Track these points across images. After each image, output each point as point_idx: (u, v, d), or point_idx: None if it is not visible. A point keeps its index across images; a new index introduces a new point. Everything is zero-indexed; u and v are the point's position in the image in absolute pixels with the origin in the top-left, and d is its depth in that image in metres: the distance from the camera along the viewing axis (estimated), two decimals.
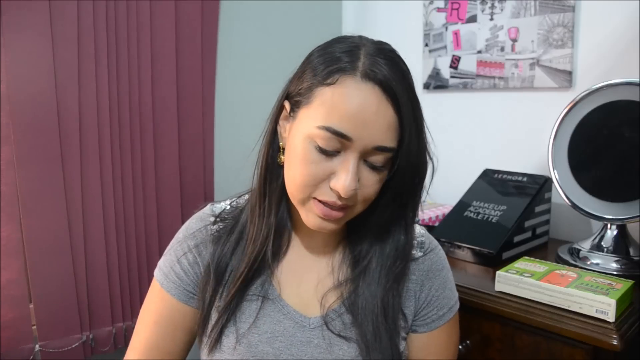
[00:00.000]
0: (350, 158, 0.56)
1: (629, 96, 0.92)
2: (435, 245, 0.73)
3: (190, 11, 1.28)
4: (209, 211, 0.72)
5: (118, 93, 1.17)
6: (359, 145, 0.56)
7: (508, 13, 1.26)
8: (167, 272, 0.69)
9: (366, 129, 0.55)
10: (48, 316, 1.12)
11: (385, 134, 0.56)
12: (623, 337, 0.72)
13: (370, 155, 0.57)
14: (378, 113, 0.55)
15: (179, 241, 0.71)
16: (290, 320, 0.66)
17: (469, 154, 1.40)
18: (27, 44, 1.05)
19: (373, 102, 0.55)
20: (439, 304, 0.70)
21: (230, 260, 0.67)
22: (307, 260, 0.69)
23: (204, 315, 0.67)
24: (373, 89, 0.55)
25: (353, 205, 0.60)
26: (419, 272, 0.70)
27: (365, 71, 0.55)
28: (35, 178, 1.08)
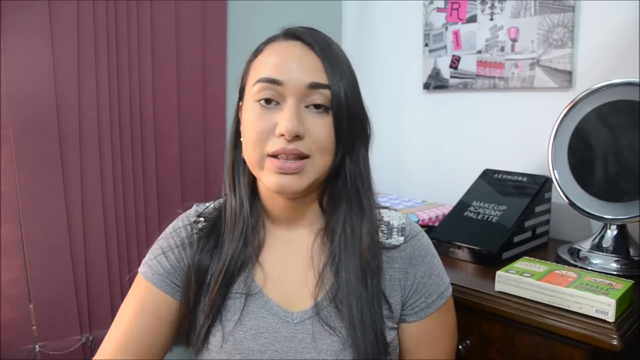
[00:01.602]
0: (289, 102, 0.61)
1: (629, 96, 0.92)
2: (417, 232, 0.72)
3: (190, 11, 1.28)
4: (193, 211, 0.74)
5: (118, 93, 1.17)
6: (292, 88, 0.60)
7: (508, 13, 1.26)
8: (152, 265, 0.69)
9: (293, 71, 0.60)
10: (48, 317, 1.12)
11: (313, 72, 0.61)
12: (623, 337, 0.72)
13: (308, 97, 0.61)
14: (301, 56, 0.62)
15: (165, 237, 0.72)
16: (274, 315, 0.66)
17: (469, 154, 1.40)
18: (27, 44, 1.05)
19: (295, 49, 0.62)
20: (427, 292, 0.69)
21: (210, 261, 0.68)
22: (287, 253, 0.69)
23: (189, 317, 0.67)
24: (294, 43, 0.63)
25: (311, 157, 0.61)
26: (402, 260, 0.69)
27: (286, 33, 0.64)
28: (35, 178, 1.08)
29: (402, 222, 0.72)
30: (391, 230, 0.70)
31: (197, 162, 1.35)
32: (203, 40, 1.32)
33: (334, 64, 0.62)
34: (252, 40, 0.69)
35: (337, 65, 0.62)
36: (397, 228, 0.70)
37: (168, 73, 1.26)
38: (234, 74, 1.44)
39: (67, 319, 1.14)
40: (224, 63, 1.38)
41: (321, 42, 0.63)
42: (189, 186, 1.34)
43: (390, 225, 0.71)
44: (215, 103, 1.37)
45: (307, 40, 0.63)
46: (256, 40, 0.69)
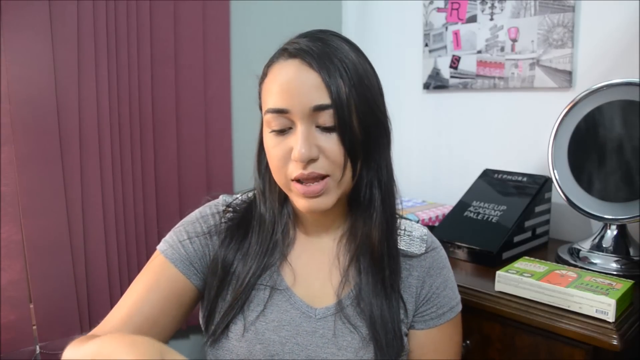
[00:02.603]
0: (299, 127, 0.60)
1: (629, 96, 0.92)
2: (437, 245, 0.75)
3: (190, 11, 1.28)
4: (222, 201, 0.75)
5: (118, 93, 1.17)
6: (299, 113, 0.60)
7: (508, 13, 1.26)
8: (173, 244, 0.68)
9: (296, 96, 0.60)
10: (48, 317, 1.12)
11: (315, 93, 0.60)
12: (623, 337, 0.72)
13: (316, 119, 0.60)
14: (300, 78, 0.60)
15: (192, 221, 0.71)
16: (297, 310, 0.67)
17: (469, 154, 1.40)
18: (27, 44, 1.05)
19: (293, 71, 0.61)
20: (439, 303, 0.70)
21: (236, 253, 0.69)
22: (314, 253, 0.71)
23: (210, 306, 0.68)
24: (293, 62, 0.61)
25: (331, 175, 0.61)
26: (421, 269, 0.71)
27: (287, 52, 0.62)
28: (35, 178, 1.08)
29: (424, 233, 0.74)
30: (413, 239, 0.72)
31: (197, 162, 1.35)
32: (204, 40, 1.32)
33: (334, 77, 0.60)
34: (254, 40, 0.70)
35: (338, 78, 0.60)
36: (420, 238, 0.72)
37: (168, 73, 1.26)
38: (238, 74, 1.45)
39: (67, 319, 1.14)
40: (227, 63, 1.38)
41: (320, 54, 0.61)
42: (188, 186, 1.34)
43: (412, 235, 0.73)
44: (218, 103, 1.38)
45: (305, 57, 0.61)
46: (258, 40, 0.69)
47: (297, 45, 0.62)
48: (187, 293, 0.67)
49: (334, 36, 0.64)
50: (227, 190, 1.43)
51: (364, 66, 0.64)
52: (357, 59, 0.63)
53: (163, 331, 0.65)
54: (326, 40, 0.63)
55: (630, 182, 0.92)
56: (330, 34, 0.65)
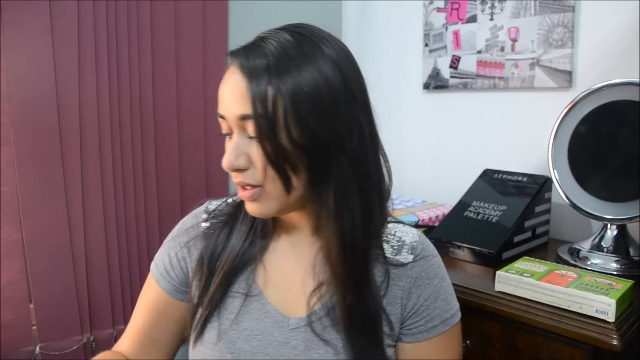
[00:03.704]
0: (233, 136, 0.59)
1: (629, 96, 0.92)
2: (430, 253, 0.69)
3: (190, 11, 1.28)
4: (204, 208, 0.74)
5: (118, 93, 1.17)
6: (231, 121, 0.58)
7: (508, 13, 1.26)
8: (158, 264, 0.72)
9: (227, 103, 0.58)
10: (48, 317, 1.12)
11: (239, 102, 0.57)
12: (623, 337, 0.72)
13: (246, 128, 0.58)
14: (230, 85, 0.58)
15: (173, 237, 0.73)
16: (270, 319, 0.65)
17: (469, 154, 1.40)
18: (27, 44, 1.05)
19: (228, 76, 0.59)
20: (428, 315, 0.66)
21: (221, 254, 0.68)
22: (290, 257, 0.69)
23: (193, 309, 0.68)
24: (232, 67, 0.59)
25: (262, 186, 0.59)
26: (407, 279, 0.66)
27: (230, 53, 0.60)
28: (35, 178, 1.08)
29: (415, 240, 0.68)
30: (402, 247, 0.67)
31: (197, 162, 1.35)
32: (203, 40, 1.32)
33: (261, 84, 0.55)
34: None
35: (266, 85, 0.55)
36: (409, 245, 0.67)
37: (168, 73, 1.26)
38: None
39: (67, 319, 1.14)
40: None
41: (249, 55, 0.57)
42: (189, 186, 1.34)
43: (401, 242, 0.68)
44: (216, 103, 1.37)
45: (237, 61, 0.58)
46: None
47: (242, 47, 0.59)
48: (181, 310, 0.71)
49: (285, 35, 0.59)
50: (226, 190, 1.43)
51: (322, 74, 0.57)
52: (305, 66, 0.57)
53: (166, 345, 0.72)
54: (267, 42, 0.58)
55: (630, 182, 0.92)
56: (282, 33, 0.59)
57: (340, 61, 0.61)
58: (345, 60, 0.62)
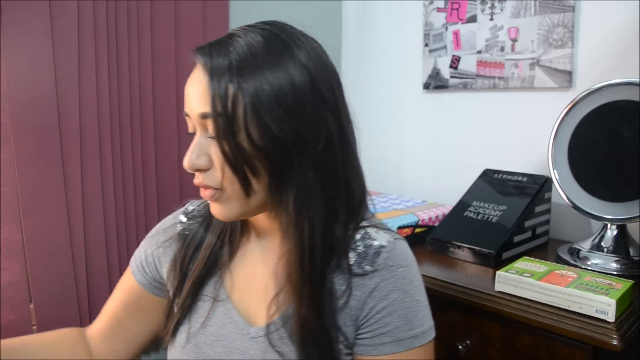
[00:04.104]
0: (196, 134, 0.59)
1: (629, 96, 0.92)
2: (396, 263, 0.61)
3: (190, 11, 1.28)
4: (184, 209, 0.75)
5: (118, 93, 1.17)
6: (194, 119, 0.58)
7: (508, 13, 1.26)
8: (135, 257, 0.75)
9: (190, 101, 0.57)
10: (49, 317, 1.12)
11: (201, 100, 0.56)
12: (623, 337, 0.72)
13: (207, 127, 0.57)
14: (194, 83, 0.57)
15: (152, 235, 0.76)
16: (234, 326, 0.65)
17: (469, 154, 1.40)
18: (27, 44, 1.04)
19: (194, 74, 0.58)
20: (377, 330, 0.60)
21: (193, 257, 0.69)
22: (257, 263, 0.67)
23: (167, 310, 0.70)
24: (197, 66, 0.58)
25: (220, 186, 0.57)
26: (363, 289, 0.60)
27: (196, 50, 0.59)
28: (35, 178, 1.08)
29: (381, 247, 0.61)
30: (366, 254, 0.61)
31: None
32: (203, 40, 1.31)
33: (222, 83, 0.54)
34: None
35: (227, 83, 0.54)
36: (372, 254, 0.61)
37: (168, 73, 1.26)
38: None
39: (68, 319, 1.14)
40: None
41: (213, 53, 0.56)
42: (188, 186, 1.34)
43: (368, 248, 0.62)
44: None
45: (202, 56, 0.57)
46: None
47: (208, 45, 0.58)
48: (155, 303, 0.74)
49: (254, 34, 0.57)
50: None
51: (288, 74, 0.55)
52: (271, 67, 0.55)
53: (133, 334, 0.75)
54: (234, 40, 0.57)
55: (630, 182, 0.92)
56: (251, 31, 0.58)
57: (309, 62, 0.57)
58: (315, 61, 0.59)
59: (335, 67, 0.63)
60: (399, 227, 1.10)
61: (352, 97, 0.65)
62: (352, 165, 0.63)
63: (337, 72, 0.63)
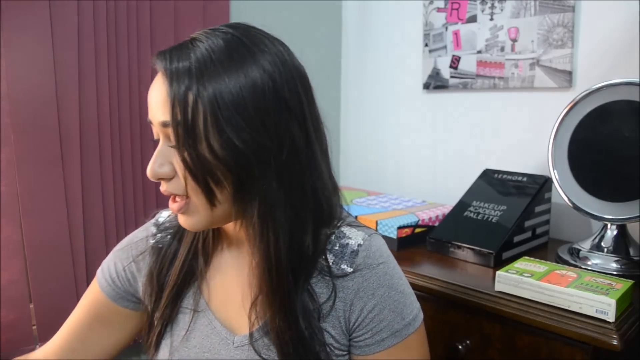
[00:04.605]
0: (159, 143, 0.57)
1: (629, 96, 0.92)
2: (374, 261, 0.62)
3: (190, 11, 1.28)
4: (154, 220, 0.73)
5: (118, 93, 1.17)
6: (156, 127, 0.57)
7: (508, 13, 1.26)
8: (104, 270, 0.72)
9: (152, 108, 0.56)
10: (48, 317, 1.12)
11: (162, 107, 0.54)
12: (623, 337, 0.72)
13: (169, 136, 0.55)
14: (154, 89, 0.56)
15: (122, 247, 0.73)
16: (217, 336, 0.64)
17: (469, 154, 1.40)
18: (27, 44, 1.05)
19: (155, 80, 0.56)
20: (374, 328, 0.61)
21: (169, 269, 0.67)
22: (232, 272, 0.66)
23: (147, 325, 0.68)
24: (159, 70, 0.56)
25: (190, 197, 0.56)
26: (348, 291, 0.61)
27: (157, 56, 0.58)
28: (35, 178, 1.08)
29: (358, 246, 0.62)
30: (343, 255, 0.61)
31: None
32: None
33: (181, 91, 0.52)
34: None
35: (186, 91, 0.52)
36: (350, 253, 0.61)
37: None
38: None
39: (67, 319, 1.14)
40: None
41: (173, 60, 0.54)
42: None
43: (345, 249, 0.62)
44: None
45: (162, 63, 0.55)
46: None
47: (169, 51, 0.56)
48: (119, 315, 0.71)
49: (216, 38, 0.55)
50: None
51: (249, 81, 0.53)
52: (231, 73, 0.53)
53: (96, 350, 0.71)
54: (195, 45, 0.55)
55: (630, 182, 0.92)
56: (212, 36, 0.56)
57: (273, 67, 0.55)
58: (280, 66, 0.56)
59: (303, 70, 0.60)
60: (399, 227, 1.10)
61: (352, 97, 0.65)
62: (319, 173, 0.61)
63: (306, 77, 0.60)
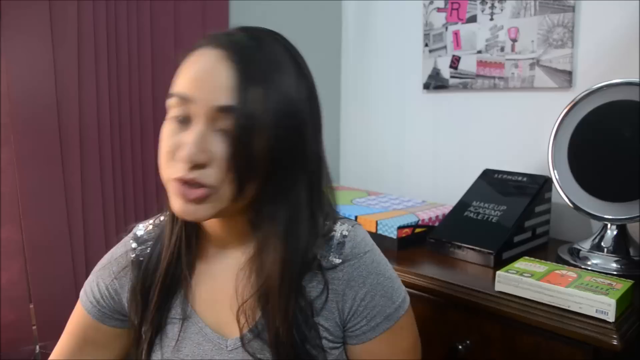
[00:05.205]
0: (197, 124, 0.54)
1: (629, 96, 0.92)
2: (360, 250, 0.63)
3: (190, 11, 1.28)
4: (132, 235, 0.71)
5: (118, 93, 1.17)
6: (202, 108, 0.54)
7: (508, 13, 1.26)
8: (87, 291, 0.70)
9: (203, 89, 0.54)
10: (48, 317, 1.12)
11: (226, 92, 0.53)
12: (623, 337, 0.72)
13: (218, 121, 0.54)
14: (215, 70, 0.54)
15: (103, 266, 0.71)
16: (209, 342, 0.63)
17: (469, 154, 1.40)
18: (27, 44, 1.04)
19: (210, 62, 0.55)
20: (369, 314, 0.62)
21: (152, 281, 0.66)
22: (219, 275, 0.65)
23: (135, 338, 0.67)
24: (215, 51, 0.55)
25: (214, 186, 0.54)
26: (338, 282, 0.62)
27: (213, 39, 0.57)
28: (35, 178, 1.08)
29: (344, 237, 0.63)
30: (330, 247, 0.63)
31: None
32: None
33: (254, 83, 0.53)
34: None
35: (259, 87, 0.53)
36: (337, 245, 0.63)
37: (168, 73, 1.26)
38: None
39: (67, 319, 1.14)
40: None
41: (244, 49, 0.55)
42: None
43: (331, 242, 0.63)
44: None
45: (227, 48, 0.55)
46: None
47: (230, 37, 0.56)
48: (106, 335, 0.70)
49: (276, 41, 0.59)
50: None
51: (299, 87, 0.57)
52: (292, 78, 0.57)
53: None
54: (263, 41, 0.57)
55: (630, 182, 0.92)
56: (272, 37, 0.59)
57: (311, 79, 0.60)
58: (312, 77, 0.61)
59: None
60: (399, 227, 1.10)
61: (352, 97, 0.66)
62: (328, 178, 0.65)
63: None
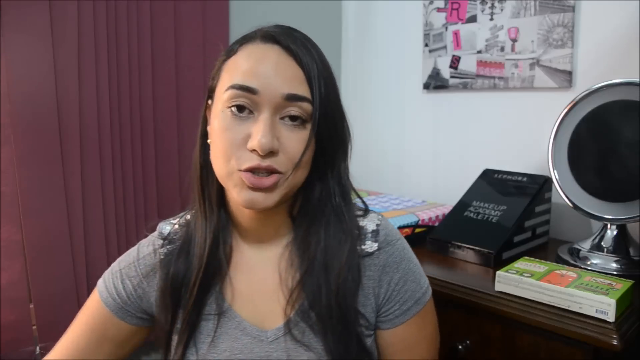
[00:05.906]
0: (263, 114, 0.56)
1: (629, 96, 0.92)
2: (393, 238, 0.68)
3: (190, 11, 1.28)
4: (158, 233, 0.70)
5: (118, 93, 1.17)
6: (268, 98, 0.56)
7: (508, 13, 1.26)
8: (109, 287, 0.69)
9: (270, 79, 0.56)
10: (48, 317, 1.12)
11: (292, 82, 0.57)
12: (623, 337, 0.72)
13: (284, 109, 0.57)
14: (279, 63, 0.57)
15: (130, 263, 0.70)
16: (248, 335, 0.64)
17: (469, 154, 1.40)
18: (27, 44, 1.05)
19: (272, 56, 0.57)
20: (401, 299, 0.66)
21: (182, 280, 0.65)
22: (256, 267, 0.66)
23: (166, 338, 0.66)
24: (272, 47, 0.58)
25: (284, 173, 0.57)
26: (375, 268, 0.65)
27: (264, 35, 0.59)
28: (35, 178, 1.08)
29: (377, 226, 0.67)
30: (365, 235, 0.66)
31: None
32: (203, 40, 1.31)
33: (315, 72, 0.58)
34: None
35: (318, 74, 0.58)
36: (371, 233, 0.66)
37: (168, 73, 1.26)
38: None
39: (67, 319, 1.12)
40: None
41: (301, 46, 0.58)
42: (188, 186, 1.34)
43: (364, 230, 0.66)
44: None
45: (287, 44, 0.58)
46: None
47: (274, 32, 0.59)
48: (125, 332, 0.69)
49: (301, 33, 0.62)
50: None
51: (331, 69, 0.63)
52: (325, 58, 0.62)
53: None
54: (302, 34, 0.62)
55: (630, 182, 0.92)
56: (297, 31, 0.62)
57: None
58: None
59: None
60: (399, 227, 1.10)
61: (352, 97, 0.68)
62: None
63: None
